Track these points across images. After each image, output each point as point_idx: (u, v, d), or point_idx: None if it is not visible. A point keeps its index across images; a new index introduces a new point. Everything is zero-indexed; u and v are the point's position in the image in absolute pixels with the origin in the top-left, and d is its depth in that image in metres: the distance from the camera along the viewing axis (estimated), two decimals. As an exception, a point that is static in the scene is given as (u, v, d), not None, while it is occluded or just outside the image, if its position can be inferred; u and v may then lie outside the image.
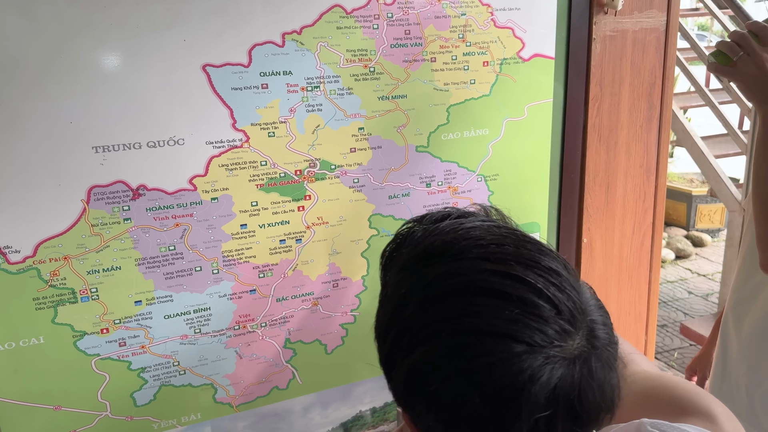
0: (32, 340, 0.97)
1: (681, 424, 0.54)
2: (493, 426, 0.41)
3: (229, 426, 1.15)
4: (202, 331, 1.08)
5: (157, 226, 1.00)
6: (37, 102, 0.89)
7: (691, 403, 0.58)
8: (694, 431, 0.53)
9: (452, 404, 0.42)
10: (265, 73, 1.01)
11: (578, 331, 0.43)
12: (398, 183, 1.15)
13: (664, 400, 0.60)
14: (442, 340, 0.42)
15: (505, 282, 0.43)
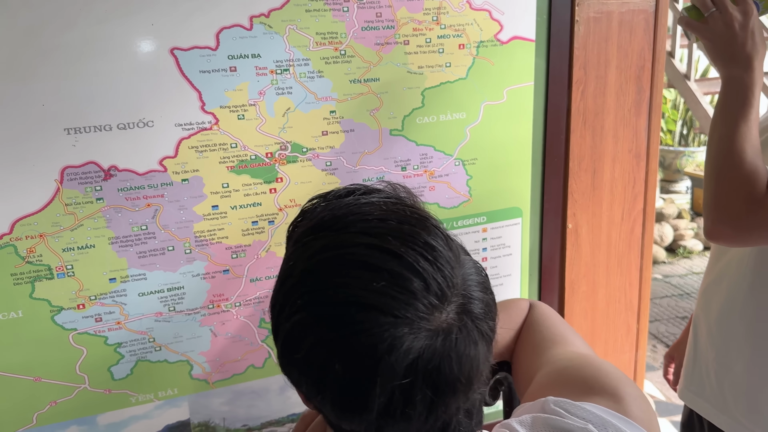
0: (11, 314, 1.01)
1: (583, 403, 0.54)
2: (353, 393, 0.42)
3: (205, 402, 1.19)
4: (176, 309, 1.11)
5: (128, 206, 1.03)
6: (10, 84, 0.92)
7: (599, 383, 0.58)
8: (595, 410, 0.53)
9: (317, 373, 0.43)
10: (234, 56, 1.02)
11: (447, 306, 0.44)
12: (372, 166, 1.16)
13: (574, 379, 0.60)
14: (312, 309, 0.43)
15: (378, 255, 0.44)
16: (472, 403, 0.47)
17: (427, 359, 0.42)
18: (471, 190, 1.25)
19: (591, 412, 0.53)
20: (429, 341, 0.42)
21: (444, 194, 1.23)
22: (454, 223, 1.26)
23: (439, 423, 0.45)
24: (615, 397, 0.55)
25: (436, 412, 0.43)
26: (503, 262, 1.34)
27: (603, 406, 0.54)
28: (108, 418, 1.12)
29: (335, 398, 0.44)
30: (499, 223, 1.30)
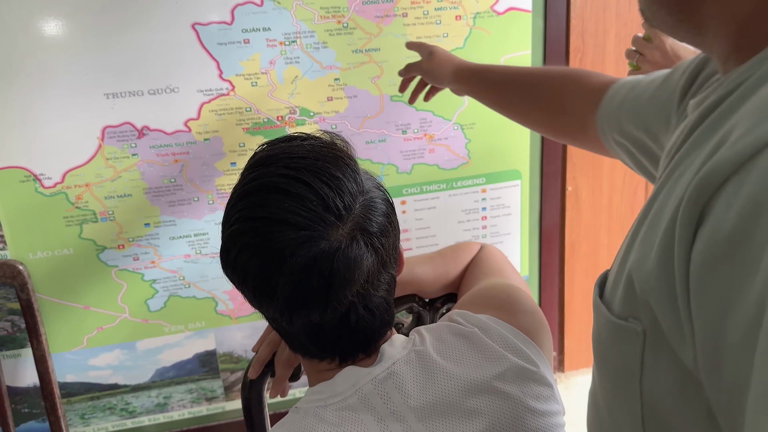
0: (64, 250, 1.20)
1: (481, 315, 0.65)
2: (265, 285, 0.55)
3: (229, 335, 1.36)
4: (202, 252, 1.28)
5: (159, 161, 1.20)
6: (60, 57, 1.10)
7: (499, 300, 0.69)
8: (486, 319, 0.64)
9: (241, 270, 0.57)
10: (247, 30, 1.16)
11: (344, 223, 0.56)
12: (374, 129, 1.28)
13: (483, 298, 0.71)
14: (241, 223, 0.57)
15: (292, 183, 0.56)
16: (375, 305, 0.59)
17: (321, 261, 0.54)
18: (470, 153, 1.35)
19: (483, 320, 0.64)
20: (324, 248, 0.54)
21: (443, 156, 1.34)
22: (454, 183, 1.37)
23: (338, 313, 0.57)
24: (507, 311, 0.66)
25: (331, 302, 0.56)
26: (503, 221, 1.43)
27: (496, 317, 0.65)
28: (145, 345, 1.31)
29: (254, 289, 0.57)
30: (498, 184, 1.40)
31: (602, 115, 0.71)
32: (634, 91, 0.66)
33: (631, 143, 0.66)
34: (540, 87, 0.84)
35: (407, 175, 1.34)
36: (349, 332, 0.59)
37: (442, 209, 1.39)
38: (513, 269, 0.85)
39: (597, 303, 0.47)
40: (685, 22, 0.44)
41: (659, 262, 0.37)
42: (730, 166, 0.32)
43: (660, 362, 0.40)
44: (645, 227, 0.41)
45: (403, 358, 0.61)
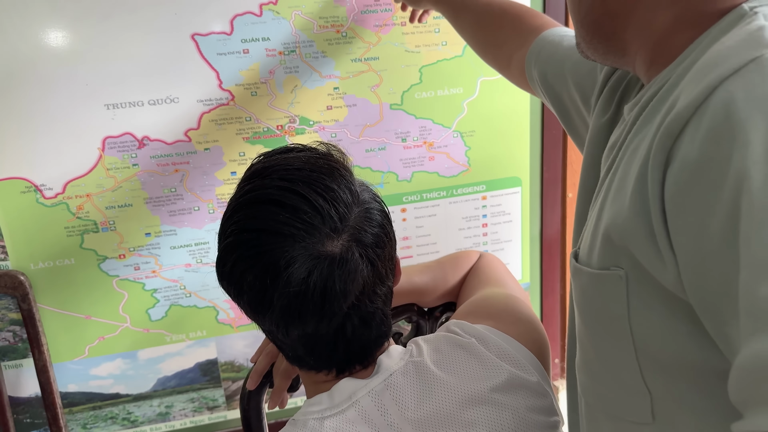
0: (65, 260, 1.21)
1: (478, 325, 0.65)
2: (261, 297, 0.56)
3: (230, 344, 1.36)
4: (202, 261, 1.28)
5: (159, 171, 1.20)
6: (60, 67, 1.11)
7: (496, 310, 0.69)
8: (483, 329, 0.64)
9: (237, 282, 0.57)
10: (246, 40, 1.17)
11: (339, 235, 0.56)
12: (374, 138, 1.28)
13: (481, 308, 0.71)
14: (236, 236, 0.57)
15: (287, 195, 0.56)
16: (371, 316, 0.59)
17: (316, 274, 0.54)
18: (470, 161, 1.35)
19: (480, 331, 0.64)
20: (319, 261, 0.54)
21: (443, 164, 1.34)
22: (454, 190, 1.37)
23: (334, 325, 0.57)
24: (505, 322, 0.66)
25: (326, 314, 0.56)
26: (503, 228, 1.43)
27: (493, 327, 0.65)
28: (147, 354, 1.31)
29: (250, 301, 0.57)
30: (498, 191, 1.40)
31: (530, 59, 0.81)
32: (560, 51, 0.77)
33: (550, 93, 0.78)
34: (483, 20, 0.95)
35: (407, 182, 1.34)
36: (345, 344, 0.59)
37: (442, 216, 1.39)
38: (512, 278, 0.85)
39: (576, 267, 0.54)
40: (612, 46, 0.56)
41: (634, 207, 0.45)
42: (687, 112, 0.41)
43: (644, 298, 0.47)
44: (612, 193, 0.49)
45: (401, 369, 0.61)
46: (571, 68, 0.74)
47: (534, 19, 0.87)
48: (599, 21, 0.55)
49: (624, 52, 0.55)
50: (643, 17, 0.51)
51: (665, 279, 0.44)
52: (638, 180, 0.44)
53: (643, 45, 0.53)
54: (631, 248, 0.46)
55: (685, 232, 0.41)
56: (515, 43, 0.86)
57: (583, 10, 0.56)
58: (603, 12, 0.54)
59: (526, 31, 0.85)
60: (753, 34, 0.41)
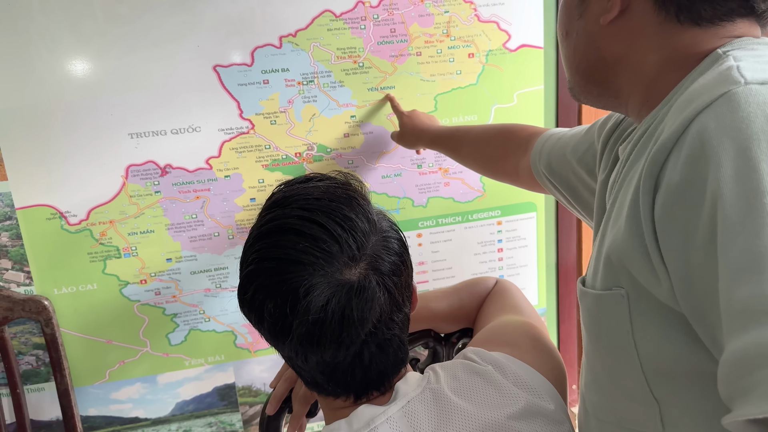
0: (88, 286, 1.23)
1: (494, 352, 0.66)
2: (280, 325, 0.57)
3: (248, 368, 1.37)
4: (222, 286, 1.30)
5: (181, 198, 1.23)
6: (85, 98, 1.14)
7: (513, 338, 0.70)
8: (500, 357, 0.65)
9: (257, 309, 0.58)
10: (266, 71, 1.20)
11: (357, 264, 0.57)
12: (390, 164, 1.30)
13: (498, 335, 0.72)
14: (257, 264, 0.59)
15: (306, 224, 0.58)
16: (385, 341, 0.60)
17: (335, 302, 0.55)
18: (485, 186, 1.37)
19: (497, 358, 0.65)
20: (338, 289, 0.56)
21: (458, 189, 1.35)
22: (469, 216, 1.38)
23: (351, 351, 0.58)
24: (522, 349, 0.67)
25: (344, 341, 0.57)
26: (519, 253, 1.44)
27: (510, 355, 0.66)
28: (166, 378, 1.33)
29: (270, 329, 0.58)
30: (513, 216, 1.41)
31: (534, 158, 0.89)
32: (560, 143, 0.85)
33: (557, 180, 0.85)
34: (482, 144, 1.07)
35: (423, 208, 1.36)
36: (362, 370, 0.60)
37: (457, 242, 1.40)
38: (528, 305, 0.86)
39: (583, 291, 0.58)
40: (606, 90, 0.60)
41: (629, 230, 0.49)
42: (670, 142, 0.46)
43: (644, 313, 0.51)
44: (611, 221, 0.54)
45: (418, 396, 0.62)
46: (571, 152, 0.81)
47: (527, 129, 0.99)
48: (594, 67, 0.60)
49: (617, 95, 0.60)
50: (635, 62, 0.57)
51: (660, 294, 0.48)
52: (632, 206, 0.49)
53: (635, 87, 0.58)
54: (629, 268, 0.50)
55: (674, 248, 0.45)
56: (518, 152, 0.96)
57: (578, 57, 0.61)
58: (597, 59, 0.59)
59: (525, 140, 0.95)
60: (722, 74, 0.47)
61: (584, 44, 0.60)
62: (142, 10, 1.12)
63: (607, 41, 0.58)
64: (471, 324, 0.88)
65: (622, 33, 0.56)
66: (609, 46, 0.58)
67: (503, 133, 1.03)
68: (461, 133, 1.12)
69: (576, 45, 0.61)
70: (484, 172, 1.12)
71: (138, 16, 1.13)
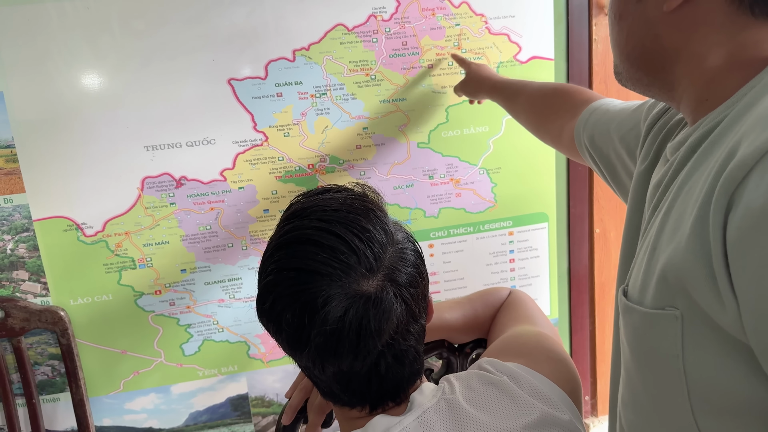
0: (103, 296, 1.25)
1: (509, 363, 0.66)
2: (300, 333, 0.58)
3: (261, 379, 1.38)
4: (235, 297, 1.31)
5: (196, 209, 1.24)
6: (103, 111, 1.16)
7: (527, 348, 0.70)
8: (514, 367, 0.65)
9: (276, 319, 0.59)
10: (280, 84, 1.21)
11: (374, 275, 0.58)
12: (402, 175, 1.31)
13: (512, 345, 0.72)
14: (276, 274, 0.59)
15: (325, 235, 0.59)
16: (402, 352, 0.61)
17: (352, 312, 0.56)
18: (496, 197, 1.37)
19: (512, 369, 0.65)
20: (355, 300, 0.56)
21: (470, 200, 1.36)
22: (481, 226, 1.38)
23: (368, 362, 0.59)
24: (536, 360, 0.67)
25: (361, 352, 0.57)
26: (531, 264, 1.44)
27: (525, 365, 0.66)
28: (180, 389, 1.33)
29: (288, 339, 0.59)
30: (525, 227, 1.41)
31: (579, 127, 0.87)
32: (607, 115, 0.82)
33: (597, 155, 0.82)
34: (535, 100, 1.05)
35: (434, 218, 1.36)
36: (379, 381, 0.61)
37: (469, 252, 1.41)
38: (542, 315, 0.86)
39: (628, 306, 0.54)
40: (658, 81, 0.56)
41: (693, 249, 0.45)
42: (752, 159, 0.41)
43: (699, 339, 0.47)
44: (666, 233, 0.50)
45: (433, 406, 0.62)
46: (616, 128, 0.77)
47: (581, 94, 0.94)
48: (648, 55, 0.55)
49: (671, 87, 0.56)
50: (697, 55, 0.52)
51: (723, 320, 0.44)
52: (697, 222, 0.45)
53: (693, 82, 0.53)
54: (689, 289, 0.46)
55: (748, 276, 0.41)
56: (566, 116, 0.93)
57: (632, 43, 0.56)
58: (654, 47, 0.54)
59: (576, 105, 0.91)
60: None
61: (640, 30, 0.55)
62: (158, 25, 1.14)
63: (667, 29, 0.53)
64: (485, 334, 0.88)
65: (685, 22, 0.51)
66: (669, 34, 0.53)
67: (558, 93, 1.00)
68: (520, 86, 1.10)
69: (630, 30, 0.56)
70: (531, 129, 1.08)
71: (154, 31, 1.15)
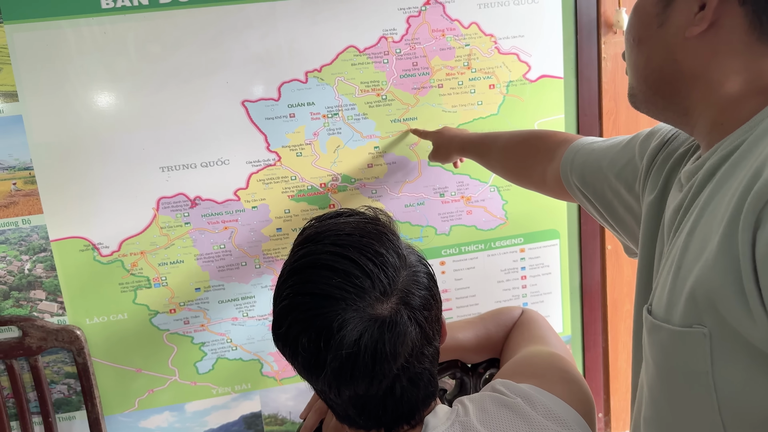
0: (119, 315, 1.26)
1: (523, 384, 0.67)
2: (314, 359, 0.58)
3: (274, 397, 1.38)
4: (248, 315, 1.32)
5: (210, 228, 1.26)
6: (119, 134, 1.18)
7: (541, 369, 0.70)
8: (528, 389, 0.66)
9: (292, 344, 0.60)
10: (292, 105, 1.23)
11: (388, 299, 0.59)
12: (413, 193, 1.32)
13: (525, 366, 0.73)
14: (291, 298, 0.60)
15: (339, 260, 0.60)
16: (416, 375, 0.62)
17: (367, 336, 0.57)
18: (507, 214, 1.38)
19: (525, 390, 0.66)
20: (370, 323, 0.57)
21: (481, 217, 1.37)
22: (492, 243, 1.39)
23: (383, 385, 0.60)
24: (550, 381, 0.67)
25: (377, 375, 0.58)
26: (543, 281, 1.44)
27: (538, 387, 0.66)
28: (194, 407, 1.34)
29: (304, 363, 0.60)
30: (536, 244, 1.41)
31: (565, 168, 0.86)
32: (594, 154, 0.82)
33: (591, 193, 0.81)
34: (509, 151, 1.04)
35: (446, 236, 1.37)
36: (394, 404, 0.62)
37: (480, 269, 1.41)
38: (555, 335, 0.86)
39: (654, 324, 0.54)
40: (674, 105, 0.57)
41: (722, 266, 0.45)
42: None
43: (729, 355, 0.47)
44: (691, 253, 0.50)
45: (447, 429, 0.63)
46: (608, 165, 0.78)
47: (557, 136, 0.94)
48: (666, 80, 0.56)
49: (686, 111, 0.56)
50: (714, 81, 0.53)
51: (754, 336, 0.45)
52: (724, 240, 0.45)
53: (709, 107, 0.54)
54: (718, 306, 0.46)
55: None
56: (546, 159, 0.92)
57: (650, 67, 0.57)
58: (672, 71, 0.55)
59: (554, 146, 0.91)
60: None
61: (660, 55, 0.56)
62: (174, 49, 1.17)
63: (687, 55, 0.54)
64: (497, 354, 0.89)
65: (705, 48, 0.52)
66: (688, 60, 0.54)
67: (531, 140, 1.00)
68: (490, 139, 1.10)
69: (650, 54, 0.57)
70: (511, 179, 1.08)
71: (170, 55, 1.17)
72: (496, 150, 1.07)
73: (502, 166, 1.07)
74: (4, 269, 1.21)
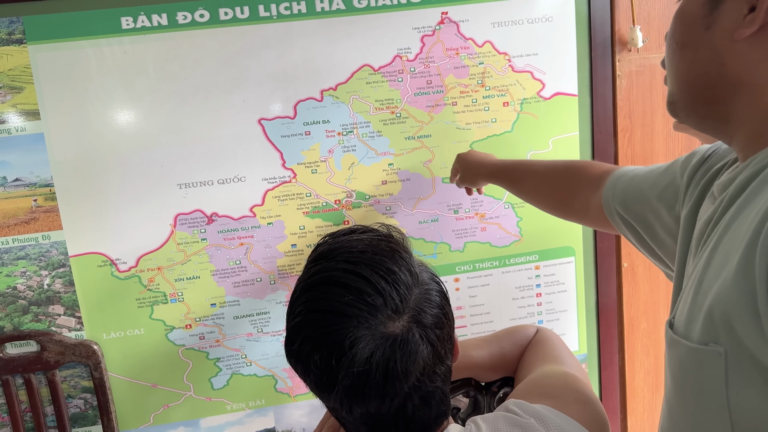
0: (135, 330, 1.28)
1: (537, 404, 0.66)
2: (326, 376, 0.59)
3: (288, 413, 1.38)
4: (263, 331, 1.33)
5: (226, 245, 1.27)
6: (138, 151, 1.21)
7: (555, 389, 0.70)
8: (542, 409, 0.65)
9: (304, 361, 0.60)
10: (308, 123, 1.25)
11: (400, 317, 0.59)
12: (427, 210, 1.33)
13: (539, 386, 0.72)
14: (304, 315, 0.61)
15: (351, 277, 0.60)
16: (428, 393, 0.62)
17: (379, 354, 0.57)
18: (522, 231, 1.38)
19: (539, 411, 0.65)
20: (382, 341, 0.58)
21: (495, 234, 1.37)
22: (507, 260, 1.39)
23: (395, 404, 0.60)
24: (564, 401, 0.67)
25: (389, 393, 0.58)
26: (558, 298, 1.43)
27: (552, 407, 0.66)
28: (208, 422, 1.35)
29: (316, 380, 0.60)
30: (551, 261, 1.41)
31: (607, 195, 0.85)
32: (636, 179, 0.81)
33: (632, 217, 0.80)
34: (549, 180, 1.03)
35: (460, 253, 1.37)
36: (406, 422, 0.62)
37: (495, 286, 1.41)
38: (570, 354, 0.86)
39: (674, 339, 0.55)
40: (715, 112, 0.55)
41: (740, 287, 0.45)
42: None
43: (744, 375, 0.47)
44: (713, 270, 0.50)
45: None
46: (650, 188, 0.77)
47: (598, 167, 0.94)
48: (710, 85, 0.54)
49: (728, 119, 0.54)
50: (759, 86, 0.51)
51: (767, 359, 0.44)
52: (743, 260, 0.45)
53: (751, 116, 0.52)
54: (734, 325, 0.46)
55: None
56: (589, 189, 0.91)
57: (694, 71, 0.55)
58: (718, 76, 0.53)
59: (596, 178, 0.91)
60: None
61: (705, 59, 0.53)
62: (192, 68, 1.19)
63: (734, 59, 0.51)
64: (512, 373, 0.88)
65: (754, 52, 0.50)
66: (735, 64, 0.51)
67: (573, 170, 0.99)
68: (525, 167, 1.09)
69: (694, 58, 0.55)
70: (548, 208, 1.06)
71: (188, 74, 1.19)
72: (533, 178, 1.06)
73: (538, 193, 1.06)
74: (23, 284, 1.23)
